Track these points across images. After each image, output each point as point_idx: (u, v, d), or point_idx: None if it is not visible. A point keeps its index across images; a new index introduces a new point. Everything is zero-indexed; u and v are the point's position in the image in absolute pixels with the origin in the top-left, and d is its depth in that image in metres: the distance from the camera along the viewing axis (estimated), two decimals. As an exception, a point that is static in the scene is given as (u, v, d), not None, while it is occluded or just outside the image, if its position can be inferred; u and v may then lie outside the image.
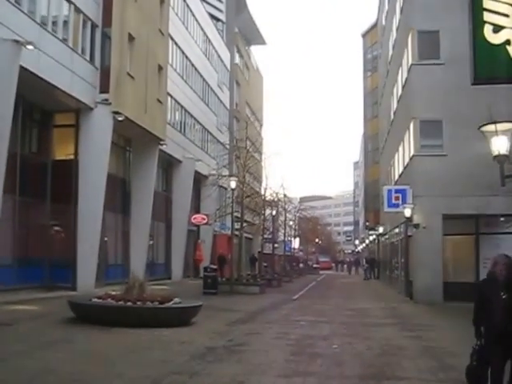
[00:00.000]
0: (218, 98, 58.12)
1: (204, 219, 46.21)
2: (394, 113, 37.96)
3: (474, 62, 12.03)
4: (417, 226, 27.31)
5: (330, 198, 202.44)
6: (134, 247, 35.46)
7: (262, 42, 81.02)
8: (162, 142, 36.85)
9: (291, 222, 65.59)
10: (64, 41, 26.09)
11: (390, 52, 40.75)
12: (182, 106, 45.53)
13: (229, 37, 64.25)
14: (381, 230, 45.74)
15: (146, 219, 36.11)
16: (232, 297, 29.85)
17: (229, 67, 63.48)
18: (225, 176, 37.01)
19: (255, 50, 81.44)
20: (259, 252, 61.82)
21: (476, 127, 26.92)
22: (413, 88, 28.66)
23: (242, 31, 69.10)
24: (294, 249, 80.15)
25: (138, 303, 16.02)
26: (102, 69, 28.73)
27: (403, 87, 32.22)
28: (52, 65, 24.46)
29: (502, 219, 27.35)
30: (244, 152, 36.89)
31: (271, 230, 56.45)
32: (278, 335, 15.60)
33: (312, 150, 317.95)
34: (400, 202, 28.67)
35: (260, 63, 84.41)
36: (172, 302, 16.93)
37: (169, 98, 41.95)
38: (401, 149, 33.80)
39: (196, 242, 49.46)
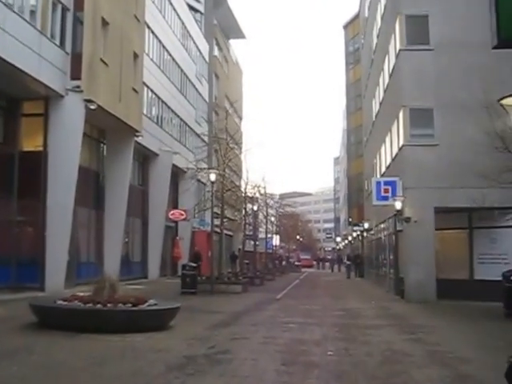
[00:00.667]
0: (197, 90, 56.44)
1: (182, 215, 44.52)
2: (381, 103, 36.49)
3: (497, 20, 10.33)
4: (407, 219, 25.83)
5: (309, 194, 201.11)
6: (107, 244, 33.83)
7: (241, 35, 79.52)
8: (137, 134, 35.19)
9: (273, 218, 63.96)
10: (31, 23, 24.29)
11: (375, 41, 39.30)
12: (158, 97, 43.82)
13: (207, 29, 62.57)
14: (366, 225, 44.22)
15: (121, 215, 34.44)
16: (213, 296, 28.23)
17: (207, 59, 61.83)
18: (204, 169, 35.28)
19: (235, 44, 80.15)
20: (239, 249, 60.47)
21: (469, 114, 25.74)
22: (401, 75, 27.16)
23: (220, 24, 67.55)
24: (275, 246, 78.65)
25: (109, 305, 14.29)
26: (73, 54, 27.01)
27: (391, 75, 30.75)
28: (18, 47, 22.69)
29: (497, 212, 25.81)
30: (224, 143, 35.21)
31: (252, 226, 54.91)
32: (265, 340, 13.97)
33: (292, 146, 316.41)
34: (390, 194, 27.16)
35: (240, 57, 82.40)
36: (147, 303, 15.21)
37: (145, 89, 40.27)
38: (388, 139, 32.33)
39: (174, 238, 47.76)
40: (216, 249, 37.60)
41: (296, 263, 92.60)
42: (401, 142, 27.04)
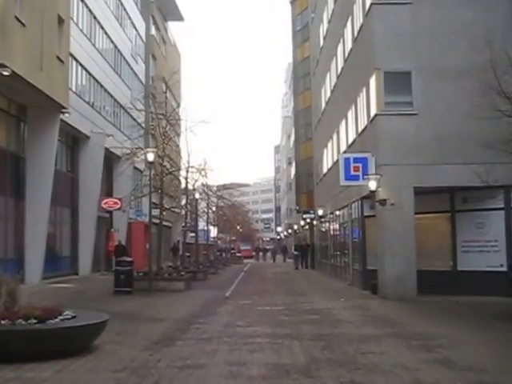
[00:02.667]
0: (132, 69, 51.79)
1: (116, 204, 39.95)
2: (339, 75, 32.57)
3: None
4: (383, 202, 21.93)
5: (248, 185, 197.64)
6: (29, 238, 29.30)
7: (179, 17, 75.12)
8: (64, 111, 30.51)
9: (214, 208, 59.88)
10: None
11: (331, 7, 35.34)
12: (89, 73, 39.19)
13: (143, 6, 57.88)
14: (320, 212, 40.30)
15: (45, 204, 29.87)
16: (151, 296, 24.00)
17: (144, 38, 57.24)
18: (140, 149, 30.77)
19: (173, 26, 75.49)
20: (179, 241, 56.57)
21: (454, 78, 21.92)
22: (374, 33, 23.10)
23: (158, 2, 62.88)
24: (214, 238, 74.70)
25: (3, 323, 9.94)
26: (-22, 7, 22.31)
27: (356, 39, 26.86)
28: None
29: (484, 192, 22.07)
30: (162, 121, 30.83)
31: (194, 216, 50.73)
32: (230, 369, 9.66)
33: (230, 136, 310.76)
34: (360, 173, 23.14)
35: (178, 41, 77.98)
36: (60, 316, 10.82)
37: (74, 62, 35.66)
38: (351, 112, 28.45)
39: (108, 230, 43.19)
40: (154, 241, 33.22)
41: (237, 254, 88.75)
42: (372, 112, 23.11)
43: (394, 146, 22.24)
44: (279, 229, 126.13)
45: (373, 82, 23.01)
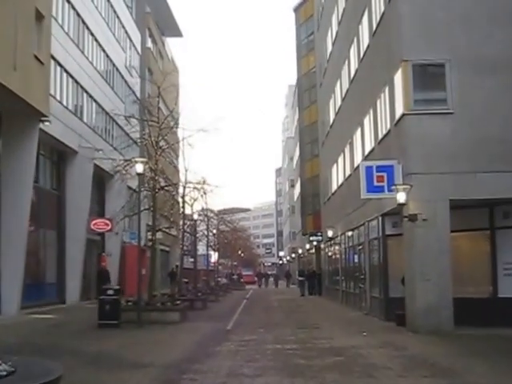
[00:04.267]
0: (126, 82, 48.49)
1: (107, 225, 36.50)
2: (352, 78, 29.25)
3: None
4: (413, 217, 18.46)
5: (248, 210, 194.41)
6: (4, 263, 26.16)
7: (177, 33, 72.08)
8: (43, 119, 27.24)
9: (214, 231, 56.45)
10: None
11: (342, 6, 32.10)
12: (77, 82, 35.92)
13: (139, 14, 54.84)
14: (329, 233, 36.73)
15: (22, 224, 26.64)
16: (140, 330, 20.56)
17: (139, 50, 54.08)
18: (129, 161, 27.21)
19: (171, 42, 72.46)
20: (177, 266, 53.06)
21: (494, 71, 18.56)
22: (400, 19, 19.69)
23: (154, 17, 59.84)
24: (215, 263, 71.05)
25: None
26: None
27: (375, 32, 23.51)
28: None
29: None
30: (156, 130, 27.44)
31: (192, 240, 47.33)
32: None
33: (229, 161, 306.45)
34: (385, 183, 19.63)
35: (176, 58, 74.92)
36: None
37: (59, 68, 32.54)
38: (367, 120, 25.17)
39: (100, 254, 39.67)
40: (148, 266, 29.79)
41: (240, 280, 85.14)
42: (398, 113, 19.71)
43: (425, 151, 18.83)
44: (281, 253, 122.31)
45: (398, 77, 19.63)
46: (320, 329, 21.17)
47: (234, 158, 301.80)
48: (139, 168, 22.42)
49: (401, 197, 18.40)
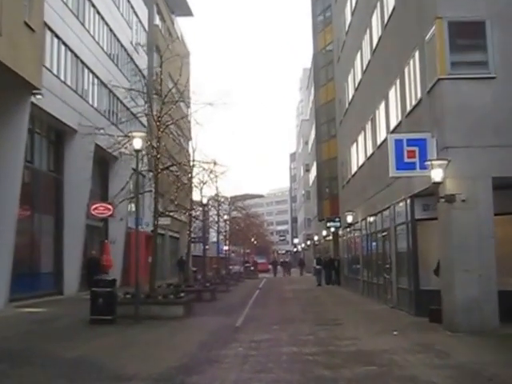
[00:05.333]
0: (133, 60, 45.79)
1: (108, 210, 33.94)
2: (375, 48, 26.49)
3: None
4: (451, 198, 15.77)
5: (261, 196, 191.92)
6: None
7: (187, 12, 69.37)
8: (35, 92, 24.74)
9: (226, 216, 53.87)
10: None
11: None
12: (77, 56, 33.32)
13: (145, -9, 52.04)
14: (349, 219, 33.91)
15: (11, 207, 24.34)
16: (136, 328, 18.05)
17: (147, 27, 51.39)
18: (126, 136, 24.52)
19: (181, 22, 69.82)
20: (187, 254, 50.71)
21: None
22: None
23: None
24: (227, 250, 68.58)
25: None
26: None
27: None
28: None
29: None
30: (159, 104, 24.85)
31: (201, 226, 44.81)
32: None
33: (242, 147, 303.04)
34: (417, 159, 16.90)
35: (187, 39, 72.25)
36: None
37: (56, 40, 30.13)
38: (393, 91, 22.46)
39: (102, 242, 37.16)
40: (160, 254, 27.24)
41: (252, 268, 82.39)
42: (432, 79, 16.95)
43: (463, 121, 16.10)
44: (296, 241, 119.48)
45: (432, 37, 16.86)
46: (342, 326, 18.50)
47: (247, 144, 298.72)
48: (137, 143, 19.84)
49: (436, 174, 15.68)
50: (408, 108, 20.13)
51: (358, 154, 32.22)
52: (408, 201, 20.59)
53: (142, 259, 39.05)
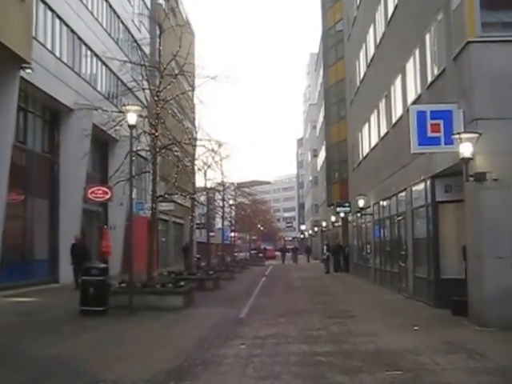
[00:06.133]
0: (134, 38, 43.85)
1: (106, 193, 32.12)
2: (390, 19, 24.63)
3: None
4: (481, 176, 13.98)
5: (268, 183, 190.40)
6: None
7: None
8: (24, 66, 22.98)
9: (231, 201, 52.09)
10: None
11: None
12: (73, 31, 31.53)
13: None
14: (360, 203, 32.01)
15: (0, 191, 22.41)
16: (128, 321, 16.38)
17: (149, 5, 49.51)
18: (121, 112, 22.63)
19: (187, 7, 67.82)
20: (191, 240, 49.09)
21: None
22: None
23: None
24: (233, 237, 66.97)
25: None
26: None
27: None
28: None
29: None
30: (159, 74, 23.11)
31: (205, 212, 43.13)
32: None
33: (248, 133, 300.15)
34: (442, 134, 15.06)
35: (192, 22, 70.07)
36: None
37: (49, 12, 28.34)
38: (411, 62, 20.66)
39: (101, 228, 35.43)
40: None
41: (259, 255, 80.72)
42: (458, 44, 15.09)
43: (495, 89, 14.27)
44: (303, 227, 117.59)
45: (458, -3, 15.07)
46: (356, 318, 16.74)
47: (254, 131, 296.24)
48: (132, 118, 18.09)
49: (466, 149, 13.86)
50: (429, 79, 18.31)
51: (370, 135, 30.44)
52: (428, 182, 18.82)
53: (144, 245, 37.44)
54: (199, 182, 37.34)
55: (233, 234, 66.07)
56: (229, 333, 14.10)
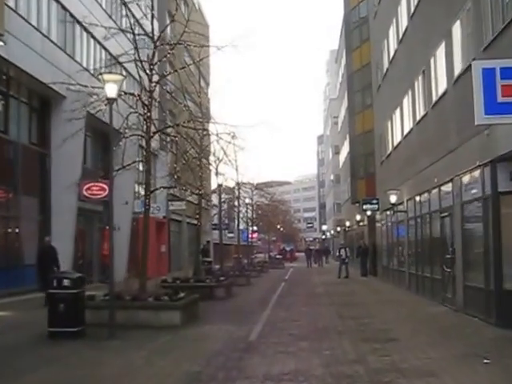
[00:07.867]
0: (139, 23, 40.26)
1: (104, 190, 28.41)
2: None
3: None
4: None
5: (288, 183, 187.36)
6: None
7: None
8: (-4, 39, 19.51)
9: (247, 200, 48.70)
10: None
11: None
12: (64, 8, 28.06)
13: None
14: (392, 199, 27.90)
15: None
16: (105, 348, 12.72)
17: (157, -12, 45.92)
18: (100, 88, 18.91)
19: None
20: (208, 242, 46.24)
21: None
22: None
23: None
24: (252, 238, 63.41)
25: None
26: None
27: None
28: None
29: None
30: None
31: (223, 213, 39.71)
32: None
33: (267, 133, 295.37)
34: (517, 98, 11.29)
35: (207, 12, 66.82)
36: None
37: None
38: (456, 26, 16.84)
39: (103, 229, 31.89)
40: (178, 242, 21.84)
41: (277, 257, 76.85)
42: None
43: None
44: (324, 227, 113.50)
45: None
46: (399, 342, 12.84)
47: (274, 133, 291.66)
48: (111, 90, 14.38)
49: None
50: (490, 37, 14.44)
51: (402, 121, 26.69)
52: (486, 168, 14.96)
53: (152, 248, 33.76)
54: (215, 180, 33.81)
55: (251, 235, 62.51)
56: (231, 368, 10.41)
